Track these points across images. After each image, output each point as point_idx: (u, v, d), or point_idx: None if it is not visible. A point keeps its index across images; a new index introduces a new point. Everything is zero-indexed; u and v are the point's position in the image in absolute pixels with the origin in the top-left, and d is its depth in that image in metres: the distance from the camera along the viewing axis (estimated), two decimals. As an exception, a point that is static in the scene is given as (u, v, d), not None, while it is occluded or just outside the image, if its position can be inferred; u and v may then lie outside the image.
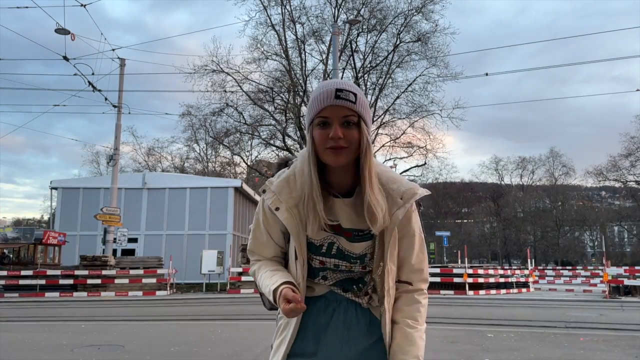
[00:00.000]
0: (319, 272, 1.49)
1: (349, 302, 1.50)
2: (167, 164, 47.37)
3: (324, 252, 1.46)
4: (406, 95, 27.88)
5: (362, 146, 1.37)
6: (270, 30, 26.52)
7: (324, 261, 1.47)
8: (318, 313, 1.49)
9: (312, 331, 1.48)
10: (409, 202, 1.43)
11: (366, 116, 1.39)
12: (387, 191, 1.43)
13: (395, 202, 1.42)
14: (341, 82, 1.40)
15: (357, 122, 1.37)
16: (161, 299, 16.00)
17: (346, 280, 1.50)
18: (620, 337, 7.40)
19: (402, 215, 1.42)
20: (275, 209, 1.45)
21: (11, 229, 22.95)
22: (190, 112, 30.81)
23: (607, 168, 49.25)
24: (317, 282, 1.51)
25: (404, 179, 1.49)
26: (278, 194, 1.46)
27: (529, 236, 58.56)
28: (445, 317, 9.35)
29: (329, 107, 1.36)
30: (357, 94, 1.38)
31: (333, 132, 1.34)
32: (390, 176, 1.47)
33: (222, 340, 6.95)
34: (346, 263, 1.46)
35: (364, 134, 1.37)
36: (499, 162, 63.21)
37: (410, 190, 1.44)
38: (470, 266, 19.70)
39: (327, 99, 1.36)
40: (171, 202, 26.13)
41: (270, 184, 1.49)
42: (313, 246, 1.46)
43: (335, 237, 1.45)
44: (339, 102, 1.35)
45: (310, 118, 1.40)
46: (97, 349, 6.43)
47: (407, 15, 26.24)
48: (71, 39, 17.72)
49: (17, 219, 64.64)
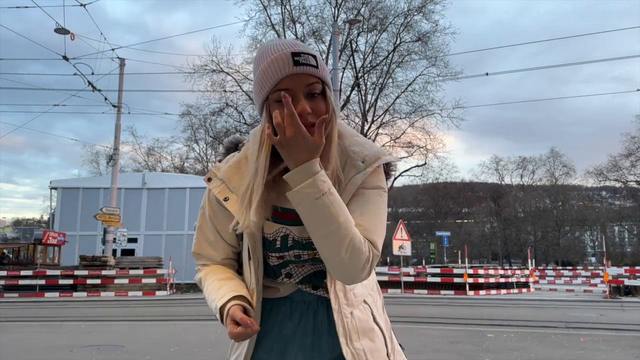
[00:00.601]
0: (280, 269, 1.26)
1: (320, 302, 1.26)
2: (166, 164, 47.48)
3: (279, 247, 1.23)
4: (406, 95, 27.96)
5: (329, 116, 1.12)
6: (270, 30, 26.60)
7: (282, 255, 1.24)
8: (283, 319, 1.27)
9: (277, 341, 1.26)
10: (371, 166, 1.19)
11: (328, 80, 1.16)
12: (348, 154, 1.21)
13: (355, 166, 1.19)
14: (292, 43, 1.15)
15: (322, 89, 1.14)
16: (161, 299, 15.99)
17: (315, 274, 1.26)
18: (620, 337, 7.38)
19: (361, 179, 1.18)
20: (224, 199, 1.22)
21: (11, 229, 22.97)
22: (190, 112, 30.90)
23: (607, 168, 49.42)
24: (281, 282, 1.28)
25: (371, 143, 1.26)
26: (227, 182, 1.24)
27: (530, 236, 58.58)
28: (446, 317, 9.33)
29: (288, 77, 1.11)
30: (315, 55, 1.15)
31: (300, 108, 1.09)
32: (354, 140, 1.24)
33: (222, 340, 6.93)
34: (308, 251, 1.22)
35: (330, 103, 1.15)
36: (499, 162, 63.33)
37: (374, 155, 1.20)
38: (471, 266, 19.68)
39: (284, 67, 1.11)
40: (171, 202, 26.13)
41: (218, 171, 1.27)
42: (266, 242, 1.24)
43: (287, 229, 1.22)
44: (300, 69, 1.10)
45: (265, 94, 1.13)
46: (96, 349, 6.41)
47: (407, 15, 26.27)
48: (71, 38, 17.72)
49: (16, 219, 64.66)
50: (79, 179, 33.75)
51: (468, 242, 45.96)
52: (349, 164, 1.20)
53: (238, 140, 1.36)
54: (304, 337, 1.24)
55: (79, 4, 16.90)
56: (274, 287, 1.29)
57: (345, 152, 1.21)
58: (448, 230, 43.10)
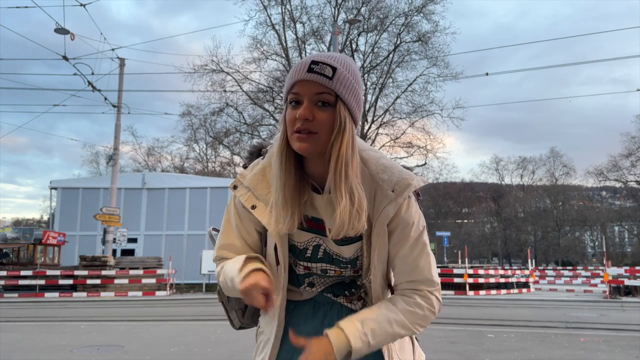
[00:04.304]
0: (304, 278, 1.29)
1: (341, 305, 1.30)
2: (166, 164, 47.44)
3: (309, 256, 1.25)
4: (406, 95, 27.92)
5: (334, 130, 1.12)
6: (270, 30, 26.56)
7: (309, 267, 1.26)
8: (306, 319, 1.29)
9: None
10: (402, 195, 1.17)
11: (347, 95, 1.13)
12: (377, 182, 1.19)
13: (386, 196, 1.18)
14: (325, 55, 1.16)
15: (335, 102, 1.13)
16: (161, 299, 15.98)
17: (336, 285, 1.29)
18: (620, 337, 7.37)
19: (394, 211, 1.18)
20: (251, 207, 1.23)
21: (11, 229, 22.95)
22: (190, 112, 30.88)
23: (607, 168, 49.39)
24: (303, 290, 1.31)
25: (397, 165, 1.24)
26: (253, 190, 1.24)
27: (530, 236, 58.62)
28: (446, 318, 9.32)
29: (299, 82, 1.13)
30: (338, 67, 1.13)
31: (299, 112, 1.12)
32: (381, 164, 1.22)
33: (222, 341, 6.93)
34: (335, 268, 1.25)
35: (339, 115, 1.12)
36: (499, 162, 63.39)
37: (403, 181, 1.18)
38: (471, 266, 19.66)
39: (299, 72, 1.13)
40: (171, 202, 26.11)
41: (243, 179, 1.27)
42: (296, 250, 1.25)
43: (321, 239, 1.24)
44: (311, 76, 1.11)
45: (284, 96, 1.17)
46: (96, 349, 6.41)
47: (408, 15, 26.26)
48: (71, 38, 17.71)
49: (16, 219, 64.65)
50: (79, 179, 33.71)
51: (468, 242, 46.00)
52: (380, 194, 1.19)
53: (262, 145, 1.36)
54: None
55: (79, 4, 16.90)
56: (297, 292, 1.33)
57: (375, 181, 1.20)
58: (448, 231, 43.05)
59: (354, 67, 1.19)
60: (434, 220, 59.69)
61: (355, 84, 1.16)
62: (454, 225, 61.62)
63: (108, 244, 19.91)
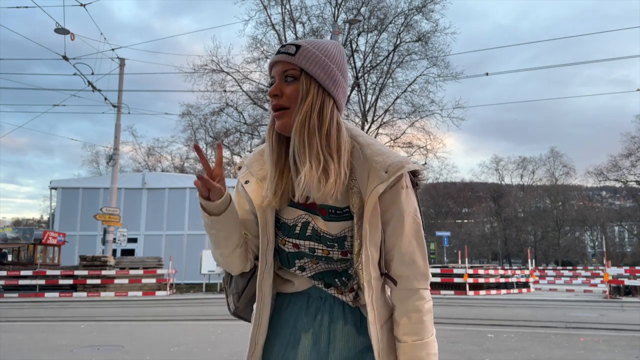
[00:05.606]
0: (295, 259, 1.29)
1: (335, 299, 1.30)
2: (166, 164, 47.45)
3: (298, 232, 1.27)
4: (406, 95, 27.92)
5: (298, 101, 1.19)
6: (270, 30, 26.56)
7: (297, 244, 1.27)
8: (299, 313, 1.31)
9: (293, 333, 1.29)
10: (394, 175, 1.19)
11: (312, 68, 1.19)
12: (371, 164, 1.21)
13: (378, 176, 1.19)
14: (301, 40, 1.26)
15: (299, 76, 1.20)
16: (161, 299, 15.98)
17: (327, 272, 1.29)
18: (620, 337, 7.38)
19: (383, 189, 1.18)
20: (245, 182, 1.31)
21: (10, 229, 22.95)
22: (190, 112, 30.86)
23: (607, 168, 49.40)
24: (295, 274, 1.31)
25: (394, 152, 1.26)
26: (250, 167, 1.33)
27: (530, 236, 58.60)
28: (446, 318, 9.32)
29: (272, 66, 1.23)
30: (303, 45, 1.21)
31: (271, 89, 1.21)
32: (377, 149, 1.25)
33: (222, 341, 6.93)
34: (322, 246, 1.26)
35: (302, 85, 1.19)
36: (499, 162, 63.42)
37: (397, 164, 1.20)
38: (471, 266, 19.67)
39: (272, 58, 1.24)
40: (171, 202, 26.10)
41: (245, 159, 1.38)
42: (286, 227, 1.28)
43: (310, 216, 1.26)
44: (277, 57, 1.21)
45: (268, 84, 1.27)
46: (96, 349, 6.42)
47: (408, 15, 26.26)
48: (71, 38, 17.71)
49: (16, 219, 64.64)
50: (79, 179, 33.69)
51: (468, 242, 45.96)
52: (372, 174, 1.21)
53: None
54: (319, 331, 1.28)
55: (79, 4, 16.90)
56: (289, 281, 1.33)
57: (369, 163, 1.22)
58: (448, 230, 43.07)
59: (331, 49, 1.24)
60: (434, 220, 59.66)
61: (326, 59, 1.21)
62: (454, 225, 61.62)
63: (108, 244, 19.92)
